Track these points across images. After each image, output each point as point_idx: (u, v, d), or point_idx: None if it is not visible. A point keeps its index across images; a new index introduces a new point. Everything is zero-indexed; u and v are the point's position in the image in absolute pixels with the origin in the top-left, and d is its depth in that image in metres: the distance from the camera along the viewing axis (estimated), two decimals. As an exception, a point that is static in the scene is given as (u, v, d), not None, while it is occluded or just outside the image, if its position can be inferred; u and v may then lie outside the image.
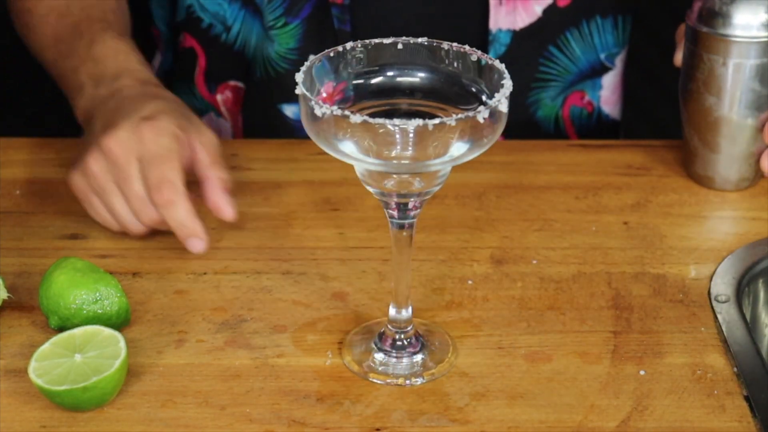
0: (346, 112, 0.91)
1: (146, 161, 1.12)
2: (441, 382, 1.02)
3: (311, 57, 0.97)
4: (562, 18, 1.39)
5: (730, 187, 1.25)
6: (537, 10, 1.37)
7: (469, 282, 1.13)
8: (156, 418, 0.98)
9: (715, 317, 1.09)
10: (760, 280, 1.17)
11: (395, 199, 0.97)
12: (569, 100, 1.44)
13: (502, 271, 1.15)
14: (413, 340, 1.04)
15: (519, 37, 0.98)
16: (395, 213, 0.98)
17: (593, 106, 1.46)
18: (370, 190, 0.97)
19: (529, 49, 1.38)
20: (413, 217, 0.99)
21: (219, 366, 1.03)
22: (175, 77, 1.48)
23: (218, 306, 1.10)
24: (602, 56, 1.44)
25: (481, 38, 1.37)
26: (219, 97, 1.45)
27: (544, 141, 1.36)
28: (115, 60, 1.24)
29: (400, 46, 0.99)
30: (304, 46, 1.37)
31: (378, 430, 0.98)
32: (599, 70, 1.44)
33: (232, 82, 1.44)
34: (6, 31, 2.39)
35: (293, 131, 1.41)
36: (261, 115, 1.43)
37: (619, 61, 1.46)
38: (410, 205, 0.98)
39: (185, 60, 1.44)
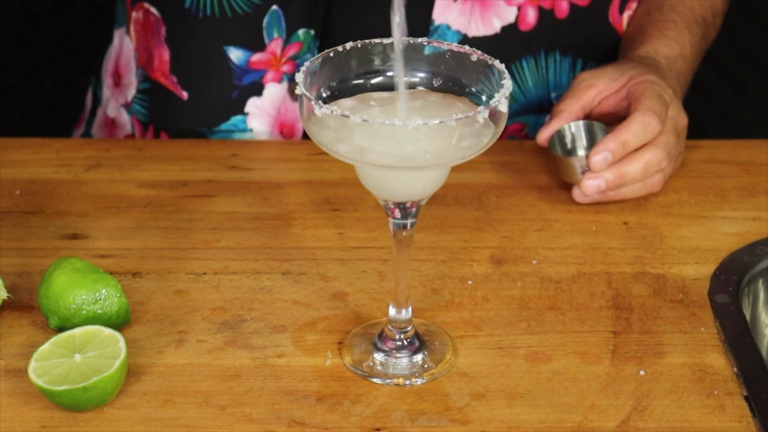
0: (346, 112, 0.91)
1: None
2: (441, 382, 1.02)
3: (311, 58, 0.97)
4: (521, 42, 1.37)
5: None
6: (495, 25, 1.35)
7: (469, 282, 1.13)
8: (156, 418, 0.98)
9: (715, 317, 1.09)
10: (760, 280, 1.17)
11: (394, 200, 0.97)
12: (508, 129, 1.42)
13: (502, 271, 1.15)
14: (413, 340, 1.04)
15: (469, 44, 0.98)
16: (395, 213, 0.99)
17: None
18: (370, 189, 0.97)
19: None
20: (413, 217, 0.99)
21: (219, 366, 1.03)
22: None
23: (218, 306, 1.10)
24: (553, 95, 1.41)
25: (424, 28, 1.34)
26: (133, 15, 1.41)
27: (544, 141, 1.36)
28: None
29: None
30: None
31: (378, 430, 0.98)
32: (546, 107, 1.41)
33: (147, 5, 1.39)
34: (6, 31, 2.40)
35: (231, 76, 1.38)
36: (196, 53, 1.39)
37: None
38: (409, 205, 0.98)
39: None
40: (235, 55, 1.37)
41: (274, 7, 1.34)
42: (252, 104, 1.38)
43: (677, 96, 1.28)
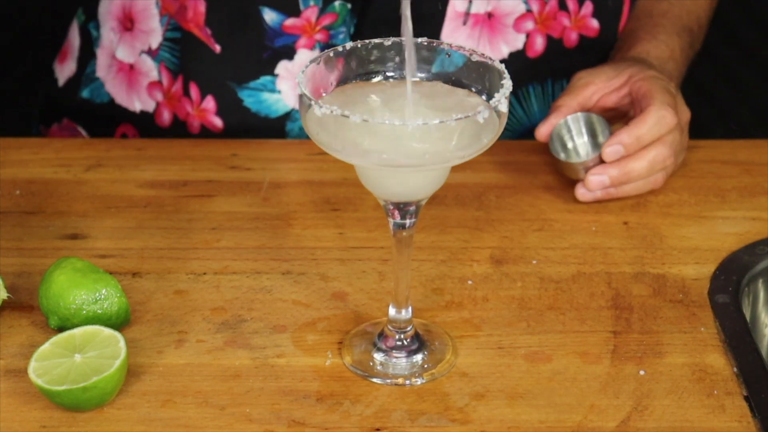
0: (346, 112, 0.91)
1: None
2: (441, 382, 1.02)
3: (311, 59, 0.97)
4: (528, 69, 1.38)
5: None
6: (503, 50, 1.36)
7: (469, 282, 1.13)
8: (156, 418, 0.98)
9: (715, 317, 1.09)
10: (760, 280, 1.17)
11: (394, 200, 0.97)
12: None
13: (502, 271, 1.15)
14: (413, 340, 1.04)
15: None
16: (395, 213, 0.99)
17: None
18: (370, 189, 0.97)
19: None
20: (413, 217, 0.99)
21: (219, 366, 1.03)
22: None
23: (218, 306, 1.10)
24: None
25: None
26: None
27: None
28: None
29: (399, 47, 0.99)
30: None
31: (378, 430, 0.98)
32: None
33: None
34: (6, 31, 2.40)
35: (264, 37, 1.37)
36: (233, 8, 1.38)
37: None
38: (409, 205, 0.98)
39: None
40: (270, 16, 1.36)
41: None
42: (282, 67, 1.37)
43: (678, 91, 1.28)
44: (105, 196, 1.25)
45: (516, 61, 1.36)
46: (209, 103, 1.39)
